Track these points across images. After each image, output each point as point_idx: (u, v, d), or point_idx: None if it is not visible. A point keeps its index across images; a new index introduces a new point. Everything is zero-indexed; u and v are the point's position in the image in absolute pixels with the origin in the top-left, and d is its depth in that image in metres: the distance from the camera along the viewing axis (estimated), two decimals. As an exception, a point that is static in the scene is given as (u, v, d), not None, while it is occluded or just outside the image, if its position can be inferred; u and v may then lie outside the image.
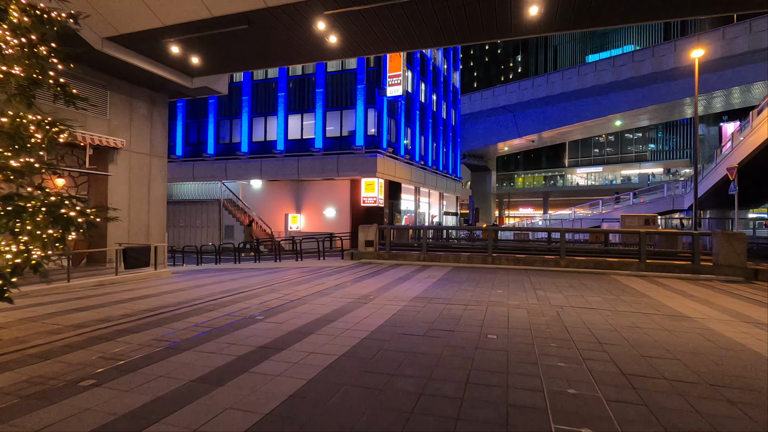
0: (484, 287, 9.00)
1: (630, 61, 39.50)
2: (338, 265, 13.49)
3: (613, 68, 40.54)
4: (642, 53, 38.87)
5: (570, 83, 44.15)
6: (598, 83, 42.00)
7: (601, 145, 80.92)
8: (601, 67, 41.53)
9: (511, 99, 49.54)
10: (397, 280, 10.03)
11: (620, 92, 42.20)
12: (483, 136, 54.86)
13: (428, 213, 30.94)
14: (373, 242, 15.13)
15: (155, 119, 13.43)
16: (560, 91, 45.06)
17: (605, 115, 44.98)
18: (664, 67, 37.40)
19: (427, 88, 30.18)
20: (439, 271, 12.04)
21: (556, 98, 46.30)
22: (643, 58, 38.54)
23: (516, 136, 53.07)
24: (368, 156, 22.60)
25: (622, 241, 17.47)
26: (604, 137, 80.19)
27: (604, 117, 45.77)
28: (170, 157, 28.15)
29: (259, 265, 15.37)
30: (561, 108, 47.16)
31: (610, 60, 41.27)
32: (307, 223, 25.52)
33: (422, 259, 14.39)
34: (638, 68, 38.76)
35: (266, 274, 11.61)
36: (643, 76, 38.86)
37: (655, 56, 37.83)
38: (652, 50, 38.19)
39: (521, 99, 48.47)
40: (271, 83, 25.52)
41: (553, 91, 45.60)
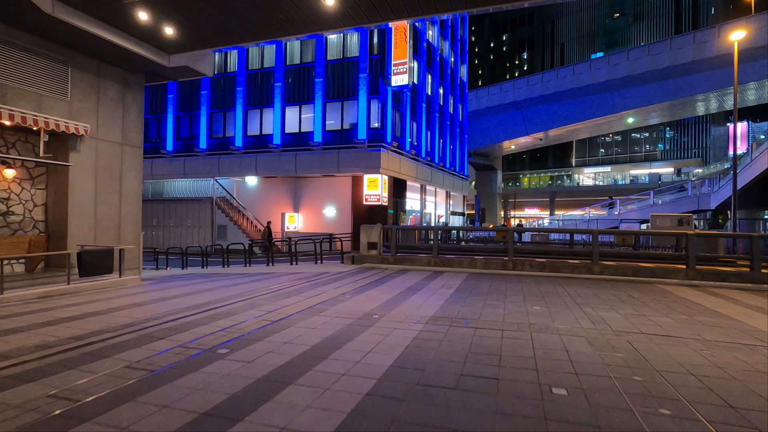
0: (515, 301, 7.29)
1: (645, 54, 37.69)
2: (337, 271, 11.79)
3: (628, 62, 38.73)
4: (658, 46, 37.06)
5: (581, 78, 42.36)
6: (611, 78, 40.19)
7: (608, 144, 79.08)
8: (614, 61, 39.72)
9: (519, 95, 47.77)
10: (406, 291, 8.33)
11: (634, 87, 40.40)
12: (489, 133, 53.14)
13: (434, 213, 29.23)
14: (376, 244, 13.43)
15: (129, 104, 11.76)
16: (570, 87, 43.28)
17: (617, 112, 43.18)
18: (681, 60, 35.57)
19: (434, 80, 28.48)
20: (454, 278, 10.32)
21: (566, 94, 44.52)
22: (660, 51, 36.72)
23: (524, 134, 51.35)
24: (371, 150, 20.91)
25: (653, 243, 15.71)
26: (611, 137, 78.33)
27: (616, 114, 43.98)
28: (160, 153, 26.56)
29: (249, 270, 13.68)
30: (571, 104, 45.40)
31: (624, 53, 39.49)
32: (305, 223, 23.85)
33: (433, 264, 12.68)
34: (654, 62, 36.95)
35: (253, 282, 9.92)
36: (660, 70, 37.05)
37: (672, 49, 36.01)
38: (669, 42, 36.38)
39: (530, 95, 46.71)
40: (267, 73, 23.86)
41: (563, 86, 43.82)
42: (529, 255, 13.25)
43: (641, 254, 14.51)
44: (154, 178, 26.65)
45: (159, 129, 27.05)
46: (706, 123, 70.97)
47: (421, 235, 19.59)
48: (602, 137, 77.42)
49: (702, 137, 71.55)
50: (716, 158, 67.03)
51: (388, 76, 21.25)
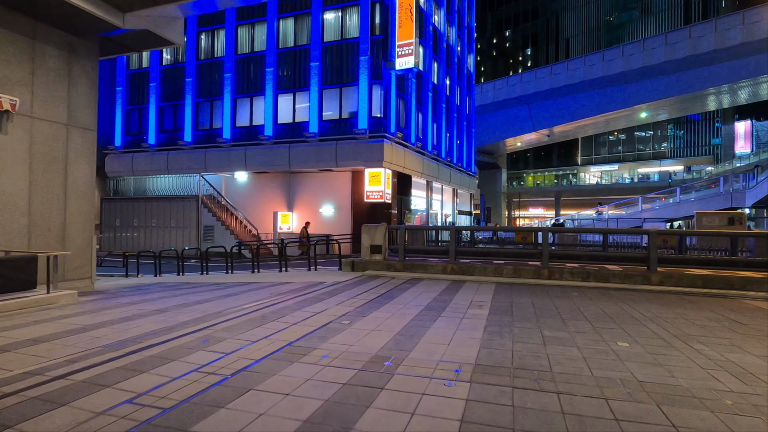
0: (582, 330, 5.14)
1: (663, 43, 35.54)
2: (333, 281, 9.61)
3: (644, 52, 36.58)
4: (677, 34, 34.92)
5: (593, 70, 40.21)
6: (626, 69, 38.04)
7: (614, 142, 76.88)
8: (629, 51, 37.57)
9: (526, 89, 45.61)
10: (425, 313, 6.15)
11: (650, 79, 38.23)
12: (495, 130, 51.00)
13: (441, 212, 27.05)
14: (381, 248, 11.25)
15: (77, 76, 9.57)
16: (581, 79, 41.12)
17: (631, 106, 41.05)
18: (702, 50, 33.40)
19: (440, 68, 26.32)
20: (481, 291, 8.15)
21: (577, 87, 42.37)
22: (678, 40, 34.57)
23: (531, 130, 49.25)
24: (373, 142, 18.74)
25: (701, 245, 13.51)
26: (616, 135, 76.14)
27: (629, 108, 41.87)
28: (141, 146, 24.38)
29: (228, 278, 11.51)
30: (582, 98, 43.25)
31: (639, 43, 37.35)
32: (300, 222, 21.63)
33: (450, 272, 10.50)
34: (672, 51, 34.80)
35: (224, 298, 7.74)
36: (678, 60, 34.88)
37: (692, 37, 33.86)
38: (688, 30, 34.24)
39: (538, 89, 44.54)
40: (257, 57, 21.68)
41: (574, 79, 41.67)
42: (558, 260, 11.06)
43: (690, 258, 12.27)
44: (135, 174, 24.46)
45: (141, 120, 24.88)
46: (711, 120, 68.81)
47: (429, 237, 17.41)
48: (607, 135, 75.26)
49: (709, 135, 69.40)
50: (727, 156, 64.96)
51: (391, 59, 19.08)
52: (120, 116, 25.17)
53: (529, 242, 15.81)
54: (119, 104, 25.20)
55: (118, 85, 25.23)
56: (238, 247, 18.38)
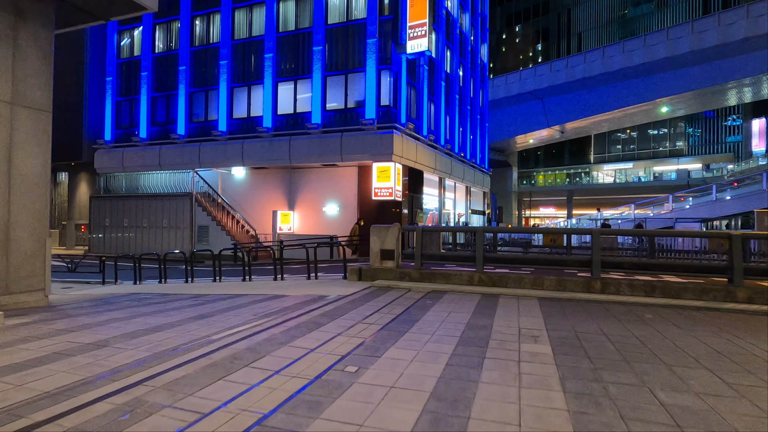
0: (723, 394, 3.29)
1: (688, 32, 33.38)
2: (336, 295, 7.84)
3: (668, 41, 34.45)
4: (704, 22, 32.76)
5: (612, 62, 38.11)
6: (647, 61, 35.91)
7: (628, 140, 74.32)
8: (652, 41, 35.46)
9: (540, 83, 43.60)
10: (462, 352, 4.35)
11: (673, 71, 36.09)
12: (506, 126, 49.04)
13: (453, 211, 25.19)
14: (393, 253, 9.46)
15: (25, 45, 7.89)
16: (600, 72, 39.05)
17: (652, 99, 38.94)
18: (732, 38, 31.20)
19: (453, 57, 24.46)
20: (524, 311, 6.34)
21: (594, 80, 40.31)
22: (706, 28, 32.40)
23: (544, 126, 47.24)
24: (382, 133, 16.96)
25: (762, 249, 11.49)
26: (628, 132, 73.64)
27: (650, 102, 39.76)
28: (132, 140, 22.77)
29: (212, 289, 9.79)
30: (599, 92, 41.19)
31: (662, 32, 35.25)
32: (302, 222, 19.94)
33: (477, 282, 8.68)
34: (699, 40, 32.63)
35: (193, 321, 6.01)
36: (705, 50, 32.69)
37: (721, 24, 31.66)
38: (717, 17, 32.08)
39: (553, 82, 42.51)
40: (255, 43, 19.97)
41: (592, 71, 39.59)
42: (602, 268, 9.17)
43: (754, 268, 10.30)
44: (126, 171, 22.85)
45: (132, 113, 23.28)
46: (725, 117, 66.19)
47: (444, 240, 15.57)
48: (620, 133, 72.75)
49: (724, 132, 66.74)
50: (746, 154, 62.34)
51: (402, 42, 17.28)
52: (110, 108, 23.59)
53: (558, 245, 13.92)
54: (109, 95, 23.63)
55: (108, 75, 23.65)
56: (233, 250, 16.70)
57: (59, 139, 26.98)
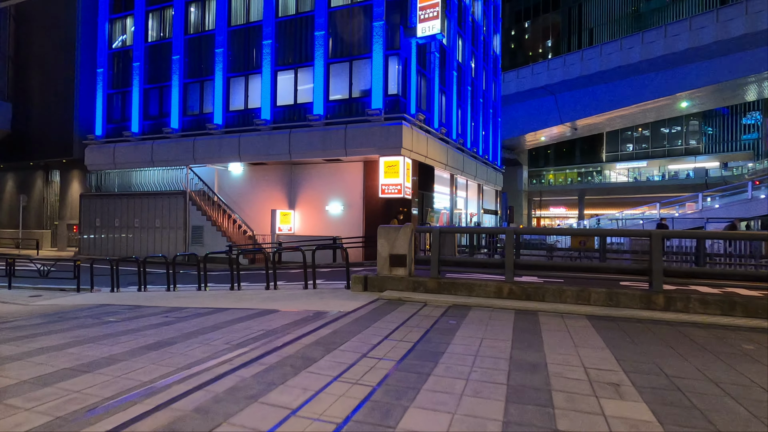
0: None
1: (713, 21, 31.57)
2: (336, 312, 6.38)
3: (690, 32, 32.62)
4: (731, 10, 30.93)
5: (630, 54, 36.34)
6: (668, 52, 34.11)
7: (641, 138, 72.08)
8: (673, 32, 33.65)
9: (553, 77, 41.89)
10: (516, 411, 2.83)
11: (695, 64, 34.27)
12: (518, 122, 47.39)
13: (465, 210, 23.63)
14: (404, 259, 7.97)
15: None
16: (617, 65, 37.29)
17: (672, 93, 37.06)
18: (762, 26, 29.34)
19: (465, 46, 22.92)
20: (580, 340, 4.81)
21: (611, 74, 38.54)
22: (733, 17, 30.58)
23: (557, 123, 45.54)
24: (390, 124, 15.48)
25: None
26: (640, 130, 71.41)
27: (670, 96, 37.86)
28: (123, 135, 21.48)
29: (192, 299, 8.37)
30: (615, 86, 39.41)
31: (685, 22, 33.39)
32: (303, 222, 18.51)
33: (507, 295, 7.16)
34: (725, 29, 30.80)
35: (145, 352, 4.58)
36: (731, 39, 30.85)
37: (748, 13, 29.82)
38: (744, 5, 30.18)
39: (567, 76, 40.80)
40: (253, 29, 18.57)
41: (608, 64, 37.84)
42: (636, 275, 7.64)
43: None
44: (117, 167, 21.55)
45: (123, 106, 21.98)
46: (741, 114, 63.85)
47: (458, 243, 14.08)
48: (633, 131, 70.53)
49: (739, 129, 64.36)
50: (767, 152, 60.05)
51: (412, 25, 15.79)
52: (101, 102, 22.32)
53: (588, 249, 12.38)
54: (100, 88, 22.35)
55: (99, 66, 22.38)
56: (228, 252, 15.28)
57: (50, 134, 25.98)
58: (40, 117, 24.95)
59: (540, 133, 52.34)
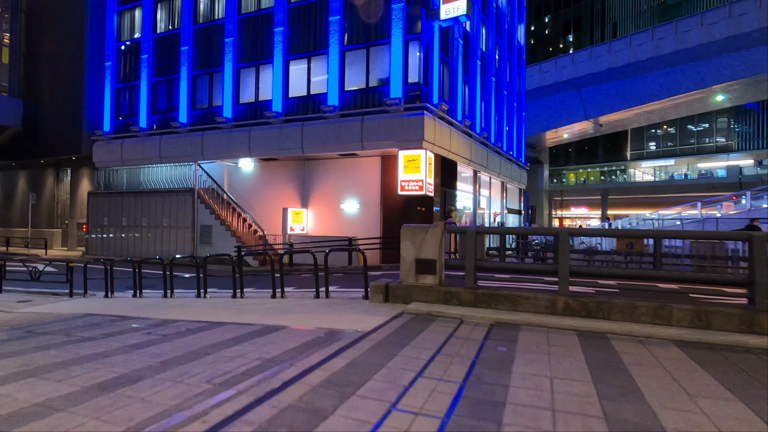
0: None
1: (755, 8, 29.38)
2: (352, 331, 5.14)
3: (729, 19, 30.48)
4: (775, -6, 28.64)
5: (662, 45, 34.27)
6: (705, 42, 31.96)
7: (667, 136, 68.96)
8: (710, 20, 31.53)
9: (579, 71, 39.98)
10: None
11: (734, 54, 32.05)
12: (539, 119, 45.53)
13: (489, 210, 22.19)
14: (434, 264, 6.70)
15: None
16: (648, 56, 35.24)
17: (708, 86, 34.83)
18: (811, 11, 27.11)
19: (489, 34, 21.50)
20: (686, 380, 3.41)
21: (641, 66, 36.46)
22: (778, 1, 28.33)
23: (581, 119, 43.56)
24: (410, 115, 14.21)
25: None
26: (665, 128, 68.33)
27: (704, 89, 35.63)
28: (131, 130, 20.70)
29: (188, 309, 7.26)
30: (646, 80, 37.27)
31: (724, 9, 31.24)
32: (316, 222, 17.38)
33: (562, 310, 5.83)
34: (770, 15, 28.58)
35: (98, 394, 3.39)
36: (776, 26, 28.62)
37: (796, -3, 27.59)
38: (791, -12, 27.93)
39: (593, 69, 38.86)
40: (264, 16, 17.51)
41: (638, 56, 35.80)
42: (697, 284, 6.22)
43: None
44: (125, 164, 20.77)
45: (132, 101, 21.21)
46: None
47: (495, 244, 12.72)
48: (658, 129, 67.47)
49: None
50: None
51: (434, 6, 14.48)
52: (109, 96, 21.60)
53: (638, 252, 10.89)
54: (108, 82, 21.64)
55: (107, 59, 21.67)
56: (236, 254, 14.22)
57: (59, 131, 25.43)
58: (49, 113, 24.46)
59: (562, 130, 50.33)
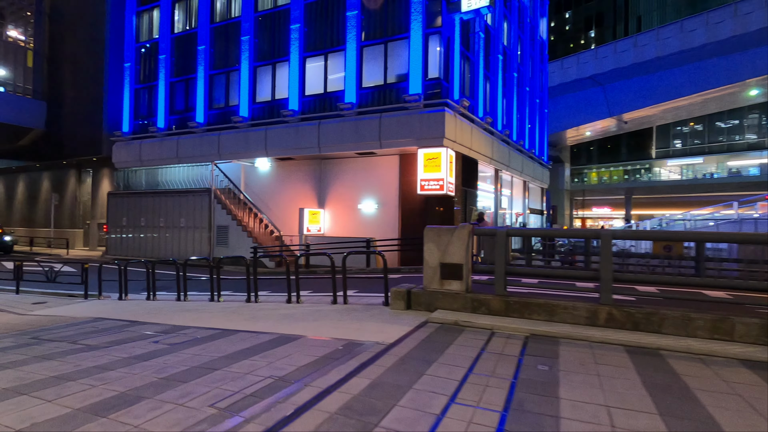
0: None
1: (794, -5, 27.81)
2: (374, 344, 4.66)
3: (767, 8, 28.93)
4: (817, -19, 27.06)
5: (693, 37, 32.86)
6: (738, 33, 30.49)
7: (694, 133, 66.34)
8: (745, 10, 30.06)
9: (603, 66, 38.71)
10: None
11: (767, 46, 30.44)
12: (561, 116, 44.31)
13: (511, 210, 21.46)
14: (460, 269, 6.19)
15: None
16: (677, 50, 33.85)
17: (741, 80, 33.25)
18: None
19: (511, 29, 20.79)
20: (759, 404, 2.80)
21: (669, 61, 35.04)
22: (819, -12, 26.76)
23: (605, 116, 42.23)
24: (430, 111, 13.69)
25: None
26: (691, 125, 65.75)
27: (737, 83, 34.04)
28: (149, 131, 20.74)
29: (199, 317, 6.94)
30: (674, 74, 35.80)
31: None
32: (333, 222, 17.01)
33: (605, 321, 5.25)
34: (810, 3, 27.01)
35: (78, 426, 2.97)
36: (818, 15, 27.03)
37: (840, -17, 25.98)
38: (834, -25, 26.32)
39: (618, 64, 37.57)
40: (281, 13, 17.22)
41: (667, 49, 34.42)
42: None
43: None
44: (143, 165, 20.82)
45: (150, 101, 21.26)
46: None
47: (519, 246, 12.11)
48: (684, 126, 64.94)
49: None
50: None
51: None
52: (128, 97, 21.71)
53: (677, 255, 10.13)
54: (127, 83, 21.74)
55: (126, 60, 21.78)
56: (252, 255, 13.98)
57: (80, 132, 25.77)
58: (71, 115, 24.83)
59: (584, 128, 48.99)
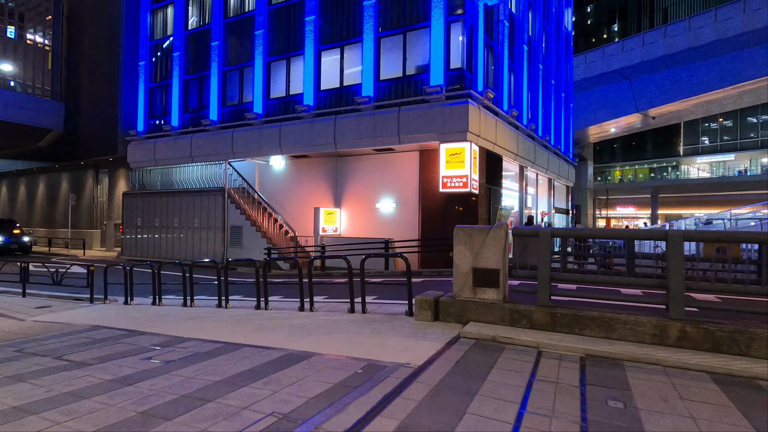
0: None
1: (842, -22, 25.92)
2: (399, 367, 3.85)
3: (810, -7, 27.11)
4: None
5: (728, 26, 31.09)
6: (779, 20, 28.62)
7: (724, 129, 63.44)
8: (786, -5, 28.18)
9: (630, 59, 37.14)
10: None
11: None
12: (585, 112, 42.73)
13: (536, 209, 20.39)
14: (496, 276, 5.35)
15: None
16: (710, 40, 32.07)
17: (783, 70, 31.26)
18: None
19: (536, 19, 19.76)
20: None
21: (701, 52, 33.26)
22: None
23: (632, 111, 40.51)
24: (453, 104, 12.85)
25: None
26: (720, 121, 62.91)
27: (778, 74, 32.00)
28: (163, 130, 20.42)
29: (202, 326, 6.27)
30: (705, 66, 33.97)
31: (801, -18, 27.82)
32: (350, 222, 16.30)
33: (676, 339, 4.33)
34: None
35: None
36: None
37: None
38: None
39: (646, 57, 35.96)
40: (295, 5, 16.59)
41: (699, 40, 32.70)
42: None
43: None
44: (158, 164, 20.52)
45: (164, 100, 20.94)
46: None
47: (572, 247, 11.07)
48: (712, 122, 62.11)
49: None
50: None
51: (479, -17, 13.06)
52: (143, 96, 21.47)
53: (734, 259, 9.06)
54: (142, 82, 21.51)
55: (140, 59, 21.55)
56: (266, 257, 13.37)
57: (97, 133, 25.77)
58: (88, 115, 24.84)
59: (608, 125, 47.27)
